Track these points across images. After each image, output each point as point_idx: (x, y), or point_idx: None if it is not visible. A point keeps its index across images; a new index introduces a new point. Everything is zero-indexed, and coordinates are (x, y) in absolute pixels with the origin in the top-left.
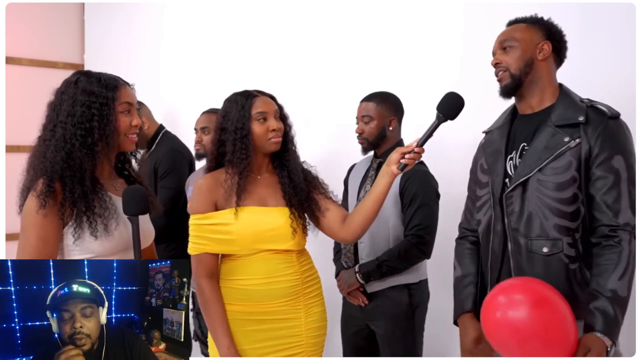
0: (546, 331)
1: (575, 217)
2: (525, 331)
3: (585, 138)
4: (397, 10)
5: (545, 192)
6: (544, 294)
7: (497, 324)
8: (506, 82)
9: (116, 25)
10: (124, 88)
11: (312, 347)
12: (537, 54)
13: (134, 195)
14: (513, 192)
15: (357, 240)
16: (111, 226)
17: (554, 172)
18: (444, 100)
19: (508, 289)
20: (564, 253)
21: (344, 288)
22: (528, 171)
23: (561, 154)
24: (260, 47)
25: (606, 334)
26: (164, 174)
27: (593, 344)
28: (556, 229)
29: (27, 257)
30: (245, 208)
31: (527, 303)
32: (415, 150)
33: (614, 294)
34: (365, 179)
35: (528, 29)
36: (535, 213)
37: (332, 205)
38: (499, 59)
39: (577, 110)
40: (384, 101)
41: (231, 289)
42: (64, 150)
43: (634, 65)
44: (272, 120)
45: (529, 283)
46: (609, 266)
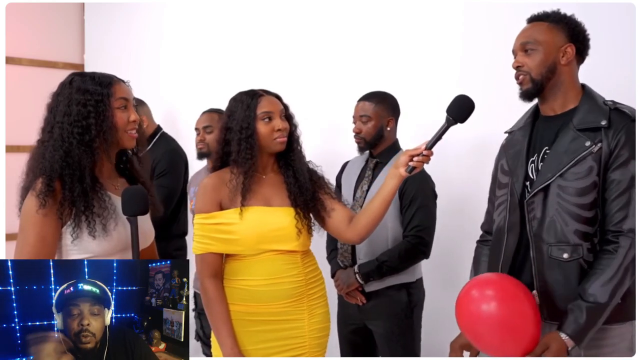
0: (507, 323)
1: (594, 222)
2: (488, 321)
3: (607, 141)
4: (396, 10)
5: (565, 198)
6: (512, 291)
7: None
8: (527, 87)
9: (116, 25)
10: (119, 84)
11: (315, 348)
12: (560, 57)
13: (133, 196)
14: (534, 197)
15: (363, 241)
16: (110, 226)
17: (575, 177)
18: (454, 103)
19: (481, 284)
20: (584, 259)
21: (343, 288)
22: (550, 176)
23: (582, 158)
24: (259, 48)
25: (572, 336)
26: (161, 173)
27: (553, 342)
28: (577, 234)
29: (26, 256)
30: (250, 208)
31: (495, 298)
32: (424, 153)
33: (593, 299)
34: (361, 179)
35: (551, 30)
36: (555, 219)
37: (338, 206)
38: (520, 61)
39: (599, 113)
40: (382, 101)
41: (235, 289)
42: (62, 149)
43: (634, 65)
44: (277, 120)
45: (500, 279)
46: (598, 271)
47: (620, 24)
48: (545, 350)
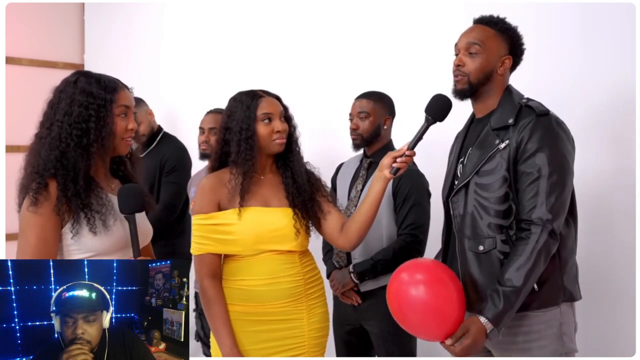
0: (432, 306)
1: (508, 214)
2: (413, 304)
3: (514, 138)
4: (393, 12)
5: (480, 194)
6: (439, 275)
7: (396, 296)
8: (462, 87)
9: (116, 25)
10: (123, 91)
11: (314, 348)
12: (498, 66)
13: (129, 193)
14: (457, 195)
15: (355, 248)
16: (109, 222)
17: (487, 174)
18: (431, 102)
19: (411, 268)
20: (498, 250)
21: (338, 288)
22: (467, 175)
23: (492, 156)
24: (258, 48)
25: (490, 319)
26: (171, 169)
27: (472, 325)
28: (491, 227)
29: (27, 257)
30: (248, 209)
31: (423, 281)
32: (407, 154)
33: (510, 284)
34: (355, 179)
35: (496, 38)
36: (473, 214)
37: (333, 210)
38: (462, 60)
39: (510, 112)
40: (381, 100)
41: (234, 289)
42: (58, 149)
43: (634, 65)
44: (277, 121)
45: (429, 264)
46: (513, 257)
47: (620, 24)
48: (466, 332)
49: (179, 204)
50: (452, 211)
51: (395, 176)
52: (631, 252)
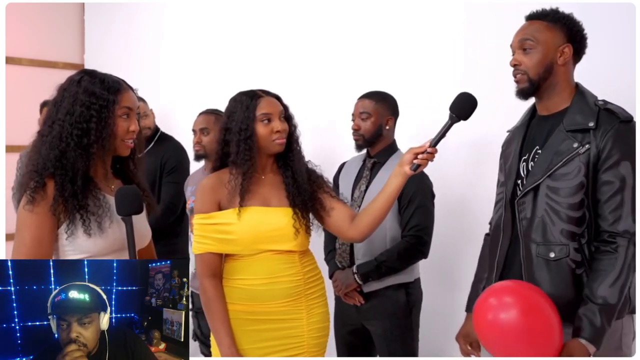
0: (532, 336)
1: (582, 222)
2: (512, 334)
3: (595, 143)
4: (396, 11)
5: (554, 198)
6: (534, 300)
7: (487, 325)
8: (524, 86)
9: (116, 25)
10: (127, 92)
11: (314, 348)
12: (557, 57)
13: (126, 196)
14: (525, 197)
15: (364, 240)
16: (105, 224)
17: (563, 178)
18: (457, 100)
19: (499, 292)
20: (570, 258)
21: (342, 289)
22: (539, 177)
23: (570, 159)
24: (258, 48)
25: (591, 340)
26: (172, 169)
27: (575, 350)
28: (563, 234)
29: (22, 256)
30: (248, 208)
31: (516, 307)
32: (428, 151)
33: (603, 301)
34: (359, 179)
35: (549, 29)
36: (544, 218)
37: (338, 205)
38: (518, 59)
39: (588, 114)
40: (383, 100)
41: (233, 288)
42: (58, 148)
43: (634, 65)
44: (276, 121)
45: (519, 287)
46: (603, 272)
47: (620, 24)
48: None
49: (179, 203)
50: (517, 214)
51: (416, 172)
52: None
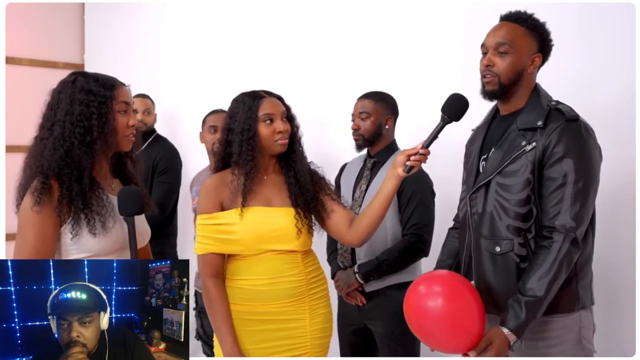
0: (453, 321)
1: (528, 218)
2: (435, 319)
3: (541, 141)
4: (395, 11)
5: (502, 195)
6: (458, 288)
7: (415, 310)
8: (493, 88)
9: (116, 25)
10: (122, 88)
11: (316, 349)
12: (528, 65)
13: (129, 196)
14: (477, 193)
15: (363, 244)
16: (109, 224)
17: (512, 175)
18: (449, 101)
19: (428, 280)
20: (515, 252)
21: (343, 289)
22: (489, 174)
23: (517, 157)
24: (259, 48)
25: (513, 330)
26: (163, 170)
27: (496, 338)
28: (509, 229)
29: (25, 256)
30: (250, 208)
31: (442, 294)
32: (421, 152)
33: (532, 293)
34: (359, 179)
35: (526, 36)
36: (492, 214)
37: (338, 207)
38: (492, 60)
39: (539, 114)
40: (382, 100)
41: (236, 288)
42: (62, 148)
43: (634, 65)
44: (278, 122)
45: (449, 277)
46: (536, 266)
47: (620, 24)
48: (489, 345)
49: (169, 204)
50: (470, 208)
51: (409, 174)
52: (631, 253)
